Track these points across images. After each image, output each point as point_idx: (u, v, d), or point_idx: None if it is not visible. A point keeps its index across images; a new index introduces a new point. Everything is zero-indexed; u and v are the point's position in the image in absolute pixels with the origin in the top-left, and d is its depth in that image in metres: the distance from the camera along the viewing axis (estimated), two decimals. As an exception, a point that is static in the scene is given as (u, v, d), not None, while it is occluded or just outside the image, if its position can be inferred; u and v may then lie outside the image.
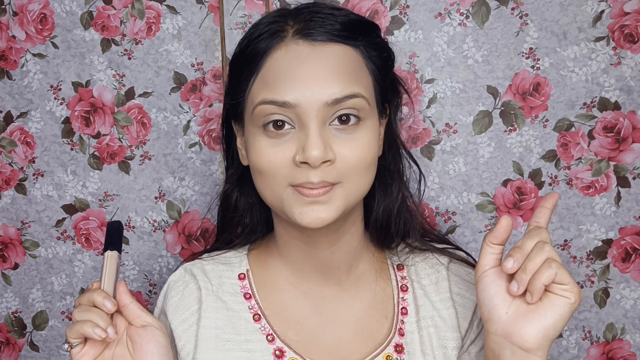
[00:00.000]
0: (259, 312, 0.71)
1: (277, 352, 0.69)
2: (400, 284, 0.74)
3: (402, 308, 0.72)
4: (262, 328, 0.70)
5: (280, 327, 0.71)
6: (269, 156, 0.63)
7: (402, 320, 0.71)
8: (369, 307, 0.73)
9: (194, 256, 0.78)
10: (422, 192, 0.78)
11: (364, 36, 0.65)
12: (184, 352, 0.70)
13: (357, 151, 0.63)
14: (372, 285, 0.74)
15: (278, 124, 0.62)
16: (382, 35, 0.73)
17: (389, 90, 0.70)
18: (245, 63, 0.65)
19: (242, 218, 0.76)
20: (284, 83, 0.61)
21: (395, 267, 0.75)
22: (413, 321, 0.71)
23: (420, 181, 0.78)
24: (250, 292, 0.72)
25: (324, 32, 0.62)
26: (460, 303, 0.73)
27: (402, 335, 0.71)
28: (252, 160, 0.65)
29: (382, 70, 0.68)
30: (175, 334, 0.71)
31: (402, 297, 0.73)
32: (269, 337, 0.70)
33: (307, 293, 0.72)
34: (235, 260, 0.75)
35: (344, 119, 0.62)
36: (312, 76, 0.61)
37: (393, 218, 0.73)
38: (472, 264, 0.76)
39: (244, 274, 0.74)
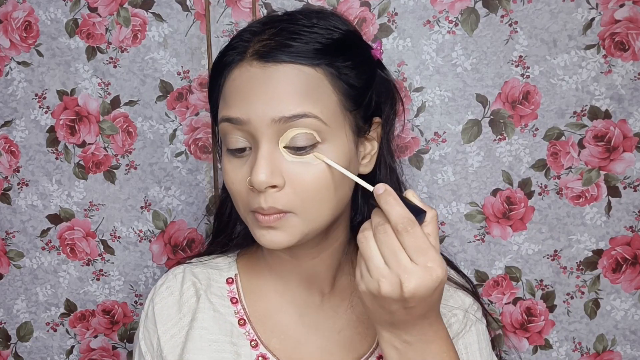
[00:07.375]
0: (245, 317, 0.71)
1: (260, 359, 0.69)
2: None
3: None
4: (247, 333, 0.70)
5: (264, 333, 0.71)
6: (232, 178, 0.64)
7: None
8: (352, 318, 0.72)
9: (181, 261, 0.78)
10: None
11: (332, 57, 0.62)
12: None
13: (309, 177, 0.61)
14: (355, 296, 0.73)
15: (237, 150, 0.63)
16: (377, 47, 0.70)
17: (374, 105, 0.68)
18: (214, 76, 0.67)
19: (237, 224, 0.77)
20: (237, 101, 0.62)
21: None
22: None
23: None
24: (237, 296, 0.72)
25: (279, 54, 0.61)
26: None
27: None
28: (224, 179, 0.67)
29: (362, 87, 0.65)
30: (160, 341, 0.70)
31: None
32: (252, 343, 0.70)
33: (292, 302, 0.72)
34: (224, 265, 0.76)
35: (297, 149, 0.60)
36: (261, 94, 0.60)
37: None
38: (461, 285, 0.76)
39: (232, 279, 0.74)
